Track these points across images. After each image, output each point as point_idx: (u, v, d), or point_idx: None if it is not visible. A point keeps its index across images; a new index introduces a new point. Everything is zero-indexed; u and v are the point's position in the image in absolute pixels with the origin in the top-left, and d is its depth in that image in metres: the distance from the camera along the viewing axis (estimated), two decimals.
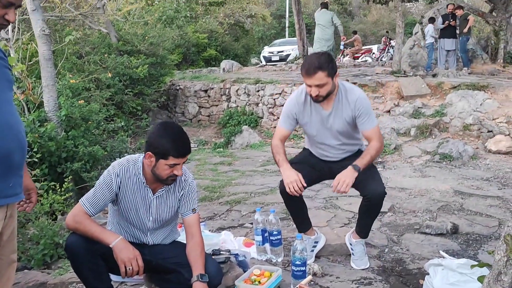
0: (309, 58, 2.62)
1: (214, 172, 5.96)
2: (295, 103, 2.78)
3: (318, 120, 2.77)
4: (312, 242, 3.05)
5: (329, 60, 2.58)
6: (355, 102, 2.67)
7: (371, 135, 2.70)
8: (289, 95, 2.86)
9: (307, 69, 2.56)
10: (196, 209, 2.37)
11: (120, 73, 8.80)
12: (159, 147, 2.11)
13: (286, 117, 2.81)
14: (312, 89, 2.59)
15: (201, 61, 17.40)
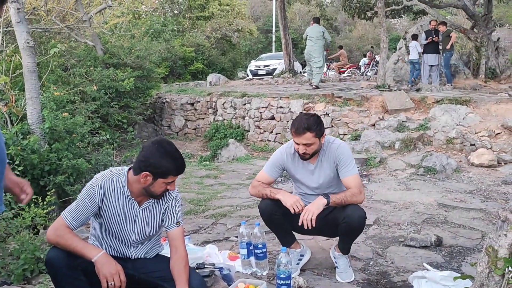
0: (299, 118, 2.73)
1: (200, 185, 5.93)
2: (284, 154, 2.89)
3: (305, 172, 2.89)
4: (298, 256, 3.05)
5: (318, 122, 2.71)
6: (336, 150, 2.79)
7: (349, 183, 2.76)
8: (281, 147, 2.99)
9: (296, 129, 2.68)
10: (180, 222, 2.35)
11: (106, 85, 8.76)
12: (160, 168, 2.10)
13: (273, 165, 2.91)
14: (299, 147, 2.72)
15: (188, 75, 17.42)
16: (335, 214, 2.77)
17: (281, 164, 2.88)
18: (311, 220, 2.62)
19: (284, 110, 9.18)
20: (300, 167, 2.88)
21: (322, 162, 2.83)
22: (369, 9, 14.35)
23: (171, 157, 2.12)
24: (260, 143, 9.43)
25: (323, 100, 8.90)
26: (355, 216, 2.68)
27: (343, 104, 8.69)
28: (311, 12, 31.44)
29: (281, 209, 2.83)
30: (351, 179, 2.76)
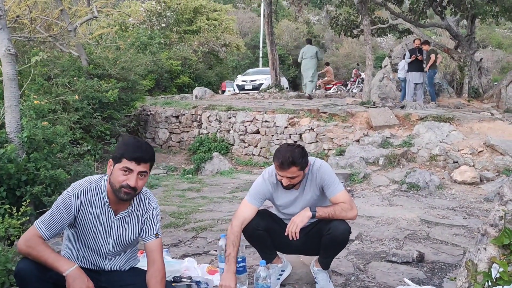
0: (283, 151, 2.60)
1: (182, 199, 5.84)
2: (267, 184, 2.77)
3: (289, 199, 2.80)
4: (279, 271, 2.99)
5: (302, 154, 2.61)
6: (317, 172, 2.71)
7: (339, 200, 2.68)
8: (260, 176, 2.83)
9: (281, 163, 2.56)
10: (159, 234, 2.28)
11: (89, 96, 8.64)
12: (115, 151, 2.08)
13: (256, 196, 2.77)
14: (283, 180, 2.63)
15: (174, 88, 17.37)
16: (319, 226, 2.71)
17: (264, 194, 2.77)
18: (296, 232, 2.56)
19: (269, 124, 9.17)
20: (283, 196, 2.78)
21: (305, 188, 2.75)
22: (355, 27, 14.53)
23: (126, 141, 2.11)
24: (245, 157, 9.38)
25: (308, 115, 8.92)
26: (340, 228, 2.63)
27: (328, 120, 8.71)
28: (299, 29, 31.82)
29: (263, 223, 2.77)
30: (339, 196, 2.68)
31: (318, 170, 2.71)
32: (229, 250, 2.63)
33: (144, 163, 2.07)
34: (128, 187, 2.05)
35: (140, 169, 2.06)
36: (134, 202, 2.21)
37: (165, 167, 9.34)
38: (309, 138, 8.55)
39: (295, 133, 8.77)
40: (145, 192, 2.27)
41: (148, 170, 2.10)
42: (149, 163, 2.10)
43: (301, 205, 2.74)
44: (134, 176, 2.05)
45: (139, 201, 2.24)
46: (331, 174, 2.73)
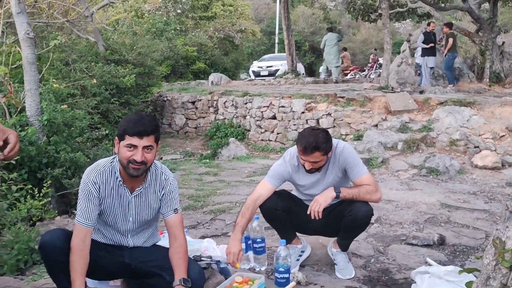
0: (307, 135, 2.56)
1: (199, 182, 5.86)
2: (288, 166, 2.74)
3: (311, 181, 2.76)
4: (299, 252, 2.97)
5: (327, 139, 2.56)
6: (340, 154, 2.67)
7: (361, 182, 2.64)
8: (281, 157, 2.80)
9: (304, 148, 2.53)
10: (178, 209, 2.28)
11: (107, 81, 8.69)
12: (119, 129, 2.08)
13: (276, 177, 2.74)
14: (306, 164, 2.59)
15: (189, 74, 17.36)
16: (341, 207, 2.67)
17: (283, 176, 2.74)
18: (318, 211, 2.54)
19: (286, 109, 9.11)
20: (304, 178, 2.75)
21: (327, 170, 2.71)
22: (373, 11, 14.28)
23: (128, 118, 2.10)
24: (261, 142, 9.35)
25: (325, 100, 8.83)
26: (362, 210, 2.59)
27: (345, 105, 8.62)
28: (315, 14, 31.43)
29: (282, 204, 2.76)
30: (363, 178, 2.64)
31: (341, 152, 2.67)
32: (237, 220, 2.66)
33: (147, 136, 2.03)
34: (135, 162, 2.04)
35: (144, 143, 2.03)
36: (148, 178, 2.21)
37: (182, 153, 9.38)
38: (326, 123, 8.47)
39: (312, 118, 8.70)
40: (160, 168, 2.27)
41: (153, 143, 2.08)
42: (153, 136, 2.06)
43: (323, 187, 2.71)
44: (139, 151, 2.04)
45: (155, 177, 2.23)
46: (354, 156, 2.69)
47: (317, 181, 2.74)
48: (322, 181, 2.74)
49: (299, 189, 2.86)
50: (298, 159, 2.68)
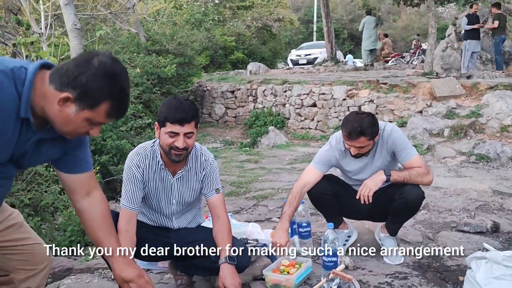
0: (352, 119, 2.47)
1: (241, 169, 5.88)
2: (334, 151, 2.67)
3: (359, 166, 2.68)
4: (345, 236, 2.92)
5: (373, 123, 2.46)
6: (388, 137, 2.58)
7: (411, 165, 2.55)
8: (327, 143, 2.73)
9: (348, 133, 2.45)
10: (219, 189, 2.28)
11: (149, 71, 8.85)
12: (159, 115, 2.06)
13: (322, 162, 2.67)
14: (352, 149, 2.53)
15: (228, 64, 17.43)
16: (391, 191, 2.59)
17: (330, 161, 2.67)
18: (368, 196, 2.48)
19: (327, 96, 8.98)
20: (352, 163, 2.67)
21: (375, 154, 2.63)
22: None
23: (168, 104, 2.06)
24: (301, 130, 9.27)
25: (367, 87, 8.64)
26: (413, 193, 2.51)
27: (388, 91, 8.40)
28: (354, 1, 30.76)
29: (331, 188, 2.71)
30: (414, 161, 2.54)
31: (389, 135, 2.58)
32: (284, 209, 2.61)
33: (188, 123, 2.02)
34: (177, 148, 2.04)
35: (185, 130, 2.02)
36: (189, 160, 2.21)
37: (222, 141, 9.45)
38: (368, 110, 8.28)
39: (353, 105, 8.54)
40: (200, 149, 2.26)
41: (193, 129, 2.06)
42: (194, 122, 2.05)
43: (371, 171, 2.63)
44: (180, 138, 2.02)
45: (196, 159, 2.23)
46: (403, 139, 2.60)
47: (365, 165, 2.67)
48: (370, 165, 2.66)
49: (347, 174, 2.80)
50: (345, 144, 2.63)
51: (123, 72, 1.42)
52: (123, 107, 1.44)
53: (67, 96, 1.33)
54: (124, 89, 1.41)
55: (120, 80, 1.39)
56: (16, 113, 1.34)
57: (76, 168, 1.66)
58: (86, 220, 1.73)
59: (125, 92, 1.43)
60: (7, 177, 1.52)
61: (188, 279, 2.39)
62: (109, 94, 1.37)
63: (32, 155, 1.48)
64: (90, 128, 1.43)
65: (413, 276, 2.53)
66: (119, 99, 1.40)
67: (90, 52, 1.45)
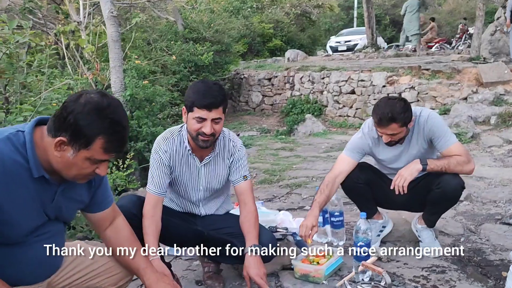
0: (382, 105, 2.35)
1: (275, 157, 5.81)
2: (367, 138, 2.55)
3: (393, 154, 2.55)
4: (380, 227, 2.80)
5: (405, 109, 2.33)
6: (425, 124, 2.42)
7: (451, 153, 2.38)
8: (360, 130, 2.60)
9: (379, 120, 2.33)
10: (247, 176, 2.22)
11: (186, 59, 8.90)
12: (187, 99, 2.01)
13: (355, 150, 2.56)
14: (383, 137, 2.40)
15: (266, 52, 17.30)
16: (428, 180, 2.45)
17: (363, 149, 2.55)
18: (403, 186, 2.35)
19: (366, 83, 8.72)
20: (386, 151, 2.54)
21: (411, 141, 2.48)
22: None
23: (196, 88, 1.99)
24: (339, 118, 9.08)
25: (408, 73, 8.32)
26: (452, 183, 2.35)
27: (431, 77, 8.05)
28: None
29: (364, 176, 2.59)
30: (453, 148, 2.38)
31: (426, 122, 2.42)
32: (316, 196, 2.52)
33: (216, 108, 1.96)
34: (204, 134, 1.99)
35: (213, 116, 1.96)
36: (217, 146, 2.17)
37: (258, 129, 9.40)
38: (409, 97, 7.98)
39: (394, 92, 8.24)
40: (228, 135, 2.21)
41: (221, 114, 2.00)
42: (222, 107, 1.99)
43: (407, 160, 2.49)
44: (208, 123, 1.97)
45: (223, 145, 2.18)
46: (441, 125, 2.44)
47: (400, 153, 2.53)
48: (406, 153, 2.52)
49: (381, 163, 2.68)
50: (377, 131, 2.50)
51: (112, 104, 1.35)
52: (120, 140, 1.36)
53: (60, 140, 1.31)
54: (117, 121, 1.34)
55: (109, 113, 1.33)
56: (29, 176, 1.35)
57: (102, 205, 1.67)
58: (114, 246, 1.71)
59: (119, 124, 1.35)
60: (56, 234, 1.52)
61: (216, 267, 2.36)
62: (100, 129, 1.31)
63: (68, 206, 1.50)
64: (95, 167, 1.39)
65: (452, 270, 2.39)
66: (112, 133, 1.33)
67: (79, 92, 1.42)
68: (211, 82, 2.06)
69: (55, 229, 1.50)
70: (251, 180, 2.27)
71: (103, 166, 1.40)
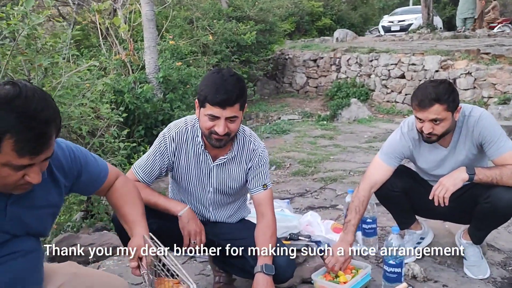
0: (423, 86, 2.06)
1: (313, 146, 5.51)
2: (407, 140, 2.21)
3: (435, 159, 2.20)
4: (417, 238, 2.48)
5: (450, 90, 2.02)
6: (475, 125, 2.06)
7: (505, 162, 2.02)
8: (397, 130, 2.28)
9: (420, 101, 2.01)
10: (267, 185, 1.95)
11: (228, 39, 8.66)
12: (199, 93, 1.75)
13: (393, 155, 2.22)
14: (424, 125, 2.04)
15: (314, 31, 16.72)
16: (475, 191, 2.10)
17: (402, 153, 2.22)
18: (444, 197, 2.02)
19: (417, 67, 8.13)
20: (427, 155, 2.20)
21: (457, 145, 2.13)
22: None
23: (210, 81, 1.71)
24: (386, 104, 8.57)
25: (465, 57, 7.65)
26: (504, 197, 1.99)
27: (490, 62, 7.36)
28: None
29: (401, 183, 2.26)
30: (508, 157, 2.01)
31: (476, 123, 2.06)
32: (349, 217, 2.19)
33: (231, 106, 1.69)
34: (217, 133, 1.73)
35: (227, 114, 1.70)
36: (235, 147, 1.91)
37: (300, 113, 9.08)
38: (464, 83, 7.37)
39: (447, 77, 7.62)
40: (249, 135, 1.95)
41: (238, 113, 1.73)
42: (238, 104, 1.71)
43: (451, 167, 2.14)
44: (222, 122, 1.71)
45: (242, 146, 1.92)
46: (494, 128, 2.06)
47: (444, 158, 2.18)
48: (451, 159, 2.17)
49: (421, 170, 2.33)
50: (417, 125, 2.14)
51: (24, 94, 1.06)
52: (35, 138, 1.07)
53: None
54: (27, 114, 1.05)
55: (18, 105, 1.05)
56: None
57: (93, 186, 1.50)
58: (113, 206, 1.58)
59: (31, 118, 1.06)
60: (27, 253, 1.29)
61: (227, 277, 2.14)
62: (6, 126, 1.04)
63: (31, 216, 1.27)
64: (22, 174, 1.12)
65: None
66: (23, 130, 1.05)
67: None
68: (228, 73, 1.76)
69: (24, 246, 1.29)
70: (271, 189, 2.00)
71: (33, 173, 1.12)
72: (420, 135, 2.15)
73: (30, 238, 1.31)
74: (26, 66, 3.07)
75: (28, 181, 1.14)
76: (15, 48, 2.89)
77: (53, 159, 1.24)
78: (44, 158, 1.12)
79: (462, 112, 2.10)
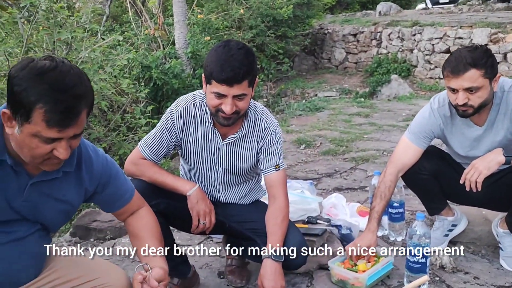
0: (457, 52, 1.83)
1: (347, 124, 5.29)
2: (437, 116, 1.99)
3: (467, 140, 1.98)
4: (449, 225, 2.27)
5: (488, 55, 1.80)
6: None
7: None
8: (427, 106, 2.06)
9: (454, 66, 1.78)
10: (280, 166, 1.82)
11: (263, 13, 8.45)
12: (205, 68, 1.63)
13: (421, 134, 2.02)
14: (458, 96, 1.80)
15: (357, 4, 16.14)
16: None
17: (432, 131, 2.01)
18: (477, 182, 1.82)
19: (464, 41, 7.62)
20: (459, 134, 1.99)
21: (494, 123, 1.91)
22: None
23: (215, 57, 1.58)
24: (429, 80, 8.13)
25: None
26: None
27: None
28: None
29: (429, 166, 2.07)
30: None
31: None
32: (374, 203, 2.03)
33: (238, 83, 1.56)
34: (224, 113, 1.61)
35: (234, 92, 1.57)
36: (246, 124, 1.78)
37: (338, 89, 8.80)
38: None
39: (497, 52, 7.09)
40: (261, 113, 1.81)
41: (246, 90, 1.60)
42: (247, 80, 1.58)
43: (487, 148, 1.93)
44: (229, 101, 1.58)
45: (254, 124, 1.79)
46: None
47: (480, 138, 1.96)
48: (486, 138, 1.95)
49: (454, 150, 2.12)
50: (451, 107, 1.94)
51: (59, 68, 1.08)
52: (64, 111, 1.08)
53: (3, 112, 1.10)
54: (59, 86, 1.07)
55: (51, 76, 1.07)
56: None
57: (115, 206, 1.45)
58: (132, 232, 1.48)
59: (62, 91, 1.07)
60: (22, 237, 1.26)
61: (240, 260, 2.05)
62: (37, 96, 1.05)
63: (46, 206, 1.26)
64: (50, 148, 1.12)
65: None
66: (53, 101, 1.06)
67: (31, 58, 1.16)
68: (236, 46, 1.60)
69: (24, 231, 1.25)
70: (284, 170, 1.86)
71: (61, 147, 1.12)
72: (451, 112, 1.94)
73: (37, 226, 1.28)
74: (50, 40, 3.05)
75: (56, 155, 1.14)
76: (36, 22, 2.85)
77: (86, 159, 1.29)
78: (73, 134, 1.12)
79: (501, 86, 1.87)
